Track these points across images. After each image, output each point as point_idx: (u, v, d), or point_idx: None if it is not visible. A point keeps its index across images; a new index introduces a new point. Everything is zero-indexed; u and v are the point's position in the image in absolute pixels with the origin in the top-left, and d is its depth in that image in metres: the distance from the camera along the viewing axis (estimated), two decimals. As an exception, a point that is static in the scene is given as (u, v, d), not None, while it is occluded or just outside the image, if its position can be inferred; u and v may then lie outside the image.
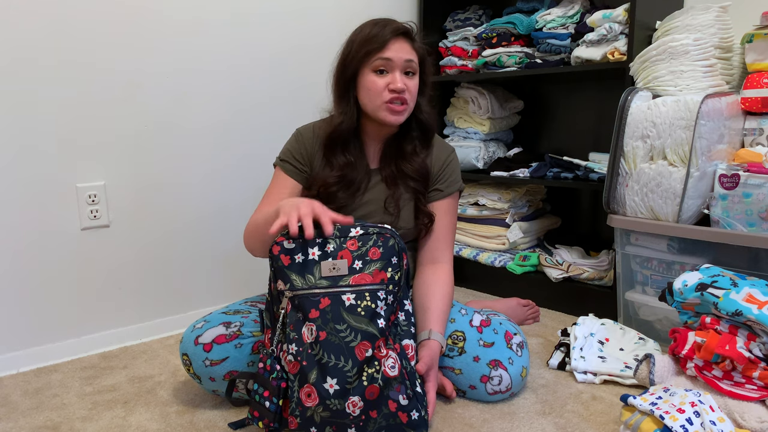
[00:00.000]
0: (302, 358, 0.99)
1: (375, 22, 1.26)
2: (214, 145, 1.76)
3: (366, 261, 1.05)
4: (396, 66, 1.23)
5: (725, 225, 1.38)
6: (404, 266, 1.08)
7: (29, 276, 1.47)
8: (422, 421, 1.03)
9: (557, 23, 1.90)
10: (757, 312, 1.07)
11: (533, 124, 2.28)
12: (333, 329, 0.99)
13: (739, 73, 1.61)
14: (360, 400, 0.98)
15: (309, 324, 1.00)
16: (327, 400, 0.97)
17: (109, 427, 1.17)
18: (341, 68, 1.27)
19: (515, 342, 1.27)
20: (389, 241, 1.06)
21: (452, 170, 1.38)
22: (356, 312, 1.00)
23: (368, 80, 1.23)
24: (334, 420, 0.98)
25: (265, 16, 1.82)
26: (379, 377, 0.99)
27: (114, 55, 1.54)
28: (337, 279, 1.03)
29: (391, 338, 1.05)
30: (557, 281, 1.86)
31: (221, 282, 1.84)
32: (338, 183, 1.28)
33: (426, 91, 1.33)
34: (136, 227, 1.64)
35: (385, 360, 1.00)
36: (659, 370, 1.19)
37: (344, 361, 0.98)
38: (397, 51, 1.22)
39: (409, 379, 1.04)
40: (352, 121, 1.28)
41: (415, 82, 1.27)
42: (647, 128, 1.47)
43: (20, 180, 1.43)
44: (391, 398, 1.00)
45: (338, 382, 0.97)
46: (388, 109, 1.24)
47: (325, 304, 1.01)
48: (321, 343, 0.99)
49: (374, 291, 1.02)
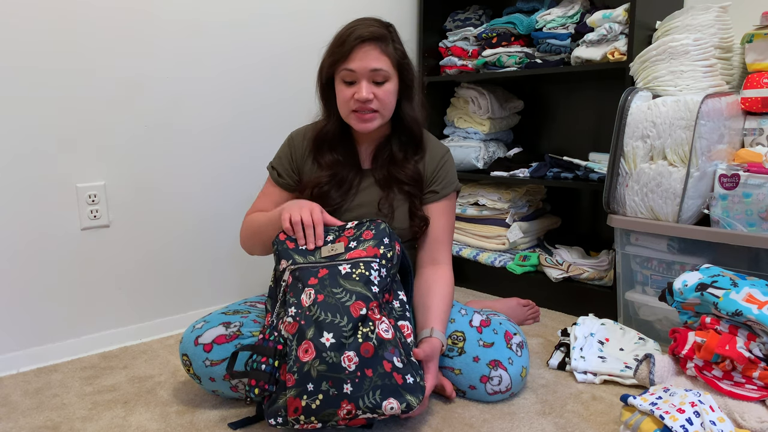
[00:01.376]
0: (300, 318, 1.03)
1: (349, 25, 1.25)
2: (213, 145, 1.76)
3: (360, 240, 1.14)
4: (361, 76, 1.21)
5: (725, 225, 1.38)
6: (397, 251, 1.15)
7: (29, 276, 1.47)
8: (417, 386, 1.05)
9: (557, 23, 1.90)
10: (757, 312, 1.07)
11: (533, 124, 2.27)
12: (330, 292, 1.05)
13: (739, 73, 1.61)
14: (355, 356, 1.01)
15: (308, 289, 1.06)
16: (323, 353, 1.00)
17: (109, 427, 1.17)
18: (318, 74, 1.30)
19: (515, 342, 1.27)
20: (380, 225, 1.17)
21: (447, 171, 1.36)
22: (351, 278, 1.08)
23: (338, 89, 1.26)
24: (330, 375, 1.00)
25: (264, 18, 1.82)
26: (373, 337, 1.03)
27: (114, 56, 1.54)
28: (334, 257, 1.12)
29: (386, 312, 1.10)
30: (557, 281, 1.86)
31: (221, 282, 1.84)
32: (329, 182, 1.29)
33: (411, 94, 1.30)
34: (136, 227, 1.64)
35: (380, 323, 1.05)
36: (659, 370, 1.19)
37: (340, 318, 1.03)
38: (361, 60, 1.20)
39: (404, 349, 1.08)
40: (336, 124, 1.31)
41: (387, 88, 1.24)
42: (647, 128, 1.47)
43: (20, 180, 1.43)
44: (386, 359, 1.03)
45: (334, 336, 1.01)
46: (355, 118, 1.25)
47: (323, 273, 1.08)
48: (318, 304, 1.04)
49: (368, 262, 1.10)
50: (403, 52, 1.27)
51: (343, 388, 1.00)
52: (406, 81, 1.28)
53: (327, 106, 1.32)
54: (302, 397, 1.00)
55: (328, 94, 1.30)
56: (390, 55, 1.23)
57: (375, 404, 1.01)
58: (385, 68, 1.22)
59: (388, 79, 1.24)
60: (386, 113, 1.27)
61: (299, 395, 1.00)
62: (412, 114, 1.31)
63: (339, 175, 1.30)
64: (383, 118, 1.27)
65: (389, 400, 1.02)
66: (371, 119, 1.25)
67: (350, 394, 1.00)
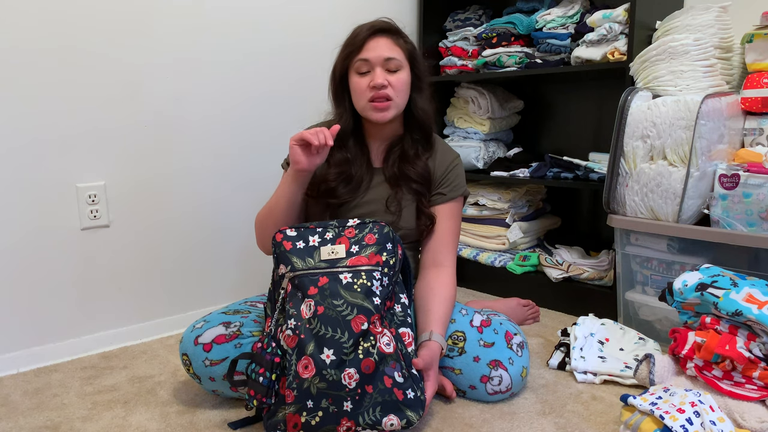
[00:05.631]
0: (300, 332, 1.02)
1: (360, 25, 1.29)
2: (214, 145, 1.76)
3: (362, 245, 1.11)
4: (375, 64, 1.25)
5: (725, 225, 1.38)
6: (399, 255, 1.13)
7: (29, 276, 1.47)
8: (418, 400, 1.05)
9: (557, 23, 1.90)
10: (757, 312, 1.07)
11: (533, 124, 2.27)
12: (330, 304, 1.03)
13: (739, 73, 1.61)
14: (356, 373, 1.00)
15: (308, 300, 1.04)
16: (323, 370, 0.99)
17: (109, 427, 1.17)
18: (332, 73, 1.33)
19: (515, 342, 1.27)
20: (384, 228, 1.14)
21: (456, 175, 1.37)
22: (353, 289, 1.05)
23: (353, 82, 1.28)
24: (330, 392, 0.99)
25: (266, 16, 1.82)
26: (374, 352, 1.02)
27: (114, 54, 1.54)
28: (334, 261, 1.09)
29: (387, 322, 1.08)
30: (557, 281, 1.86)
31: (221, 282, 1.84)
32: (337, 179, 1.30)
33: (422, 86, 1.33)
34: (136, 227, 1.64)
35: (381, 337, 1.04)
36: (659, 370, 1.19)
37: (341, 333, 1.01)
38: (374, 50, 1.25)
39: (405, 361, 1.06)
40: (348, 121, 1.32)
41: (401, 77, 1.27)
42: (647, 128, 1.47)
43: (20, 180, 1.43)
44: (387, 374, 1.02)
45: (335, 353, 1.00)
46: (372, 108, 1.27)
47: (324, 282, 1.06)
48: (319, 317, 1.02)
49: (370, 271, 1.08)
50: (413, 46, 1.32)
51: (343, 406, 1.00)
52: (417, 73, 1.32)
53: (340, 104, 1.34)
54: (302, 414, 1.00)
55: (341, 91, 1.32)
56: (402, 47, 1.28)
57: (375, 421, 1.01)
58: (398, 57, 1.26)
59: (401, 68, 1.27)
60: (400, 102, 1.29)
61: (299, 411, 1.00)
62: (423, 106, 1.34)
63: (348, 173, 1.32)
64: (398, 107, 1.29)
65: (389, 417, 1.02)
66: (387, 108, 1.26)
67: (350, 411, 1.00)
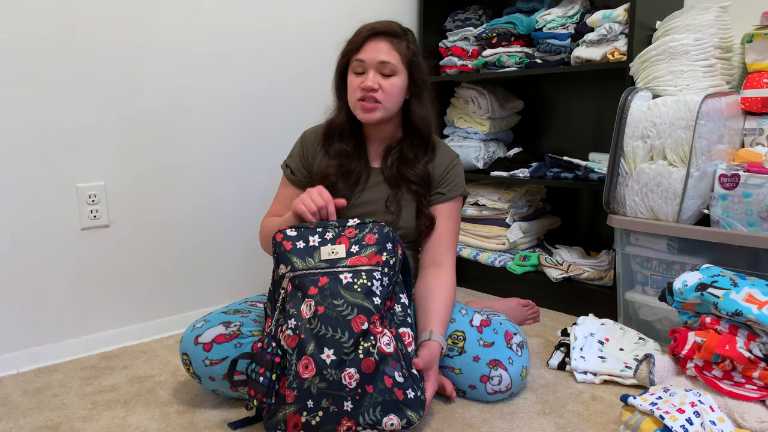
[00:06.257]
0: (300, 332, 1.02)
1: (365, 24, 1.30)
2: (214, 145, 1.76)
3: (362, 245, 1.11)
4: (369, 66, 1.26)
5: (725, 225, 1.38)
6: (399, 255, 1.13)
7: (29, 276, 1.47)
8: (418, 400, 1.05)
9: (557, 23, 1.90)
10: (757, 312, 1.07)
11: (533, 124, 2.27)
12: (330, 304, 1.03)
13: (739, 73, 1.61)
14: (356, 372, 1.00)
15: (308, 300, 1.04)
16: (324, 370, 0.99)
17: (109, 427, 1.17)
18: (336, 67, 1.34)
19: (515, 342, 1.27)
20: (384, 228, 1.14)
21: (455, 175, 1.38)
22: (353, 288, 1.05)
23: (349, 80, 1.30)
24: (330, 392, 0.99)
25: (266, 17, 1.82)
26: (375, 351, 1.02)
27: (114, 55, 1.54)
28: (335, 261, 1.09)
29: (387, 322, 1.08)
30: (557, 281, 1.86)
31: (221, 282, 1.84)
32: (336, 173, 1.31)
33: (421, 93, 1.32)
34: (136, 227, 1.64)
35: (381, 336, 1.04)
36: (659, 370, 1.19)
37: (341, 333, 1.01)
38: (370, 52, 1.25)
39: (405, 361, 1.06)
40: (347, 116, 1.34)
41: (394, 82, 1.26)
42: (647, 128, 1.47)
43: (20, 180, 1.43)
44: (387, 374, 1.02)
45: (335, 353, 1.00)
46: (360, 107, 1.28)
47: (324, 282, 1.06)
48: (319, 317, 1.02)
49: (370, 271, 1.08)
50: (415, 53, 1.30)
51: (344, 406, 1.00)
52: (416, 80, 1.30)
53: (339, 99, 1.36)
54: (302, 414, 1.00)
55: (341, 86, 1.34)
56: (401, 52, 1.27)
57: (375, 420, 1.01)
58: (394, 62, 1.26)
59: (396, 73, 1.27)
60: (389, 106, 1.28)
61: (299, 411, 1.00)
62: (421, 114, 1.33)
63: (346, 167, 1.32)
64: (386, 110, 1.28)
65: (390, 417, 1.02)
66: (373, 109, 1.27)
67: (350, 411, 1.00)
